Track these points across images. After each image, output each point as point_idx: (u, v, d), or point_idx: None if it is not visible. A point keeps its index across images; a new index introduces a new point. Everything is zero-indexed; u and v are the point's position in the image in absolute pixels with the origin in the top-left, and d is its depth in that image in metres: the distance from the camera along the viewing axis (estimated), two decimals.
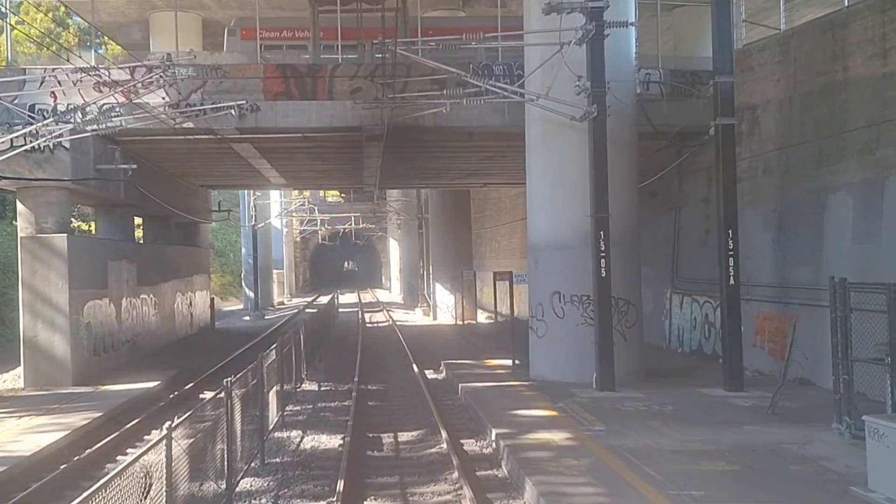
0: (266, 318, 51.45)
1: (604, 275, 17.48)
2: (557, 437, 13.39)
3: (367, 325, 43.36)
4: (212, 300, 41.12)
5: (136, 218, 36.46)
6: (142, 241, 35.66)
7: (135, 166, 24.25)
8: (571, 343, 18.95)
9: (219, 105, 21.85)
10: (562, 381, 18.90)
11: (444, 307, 42.88)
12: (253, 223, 51.07)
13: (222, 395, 10.37)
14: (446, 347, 28.30)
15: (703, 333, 23.71)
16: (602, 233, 17.49)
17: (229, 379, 10.43)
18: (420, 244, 55.78)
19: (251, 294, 61.61)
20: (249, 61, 25.06)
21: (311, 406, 18.78)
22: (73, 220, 43.68)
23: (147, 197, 28.08)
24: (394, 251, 78.34)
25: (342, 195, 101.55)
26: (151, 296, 29.24)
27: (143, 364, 25.86)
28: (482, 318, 44.03)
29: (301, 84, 23.27)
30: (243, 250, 59.20)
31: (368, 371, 24.21)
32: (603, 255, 17.50)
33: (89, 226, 54.05)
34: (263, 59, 26.11)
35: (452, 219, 43.25)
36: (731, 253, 17.46)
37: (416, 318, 47.72)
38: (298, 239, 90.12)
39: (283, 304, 67.56)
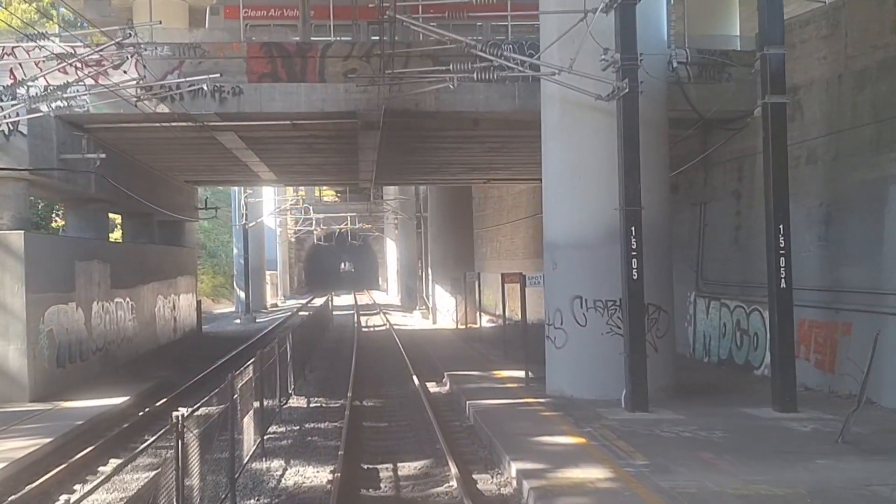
0: (257, 321, 48.98)
1: (635, 277, 15.04)
2: (592, 475, 10.93)
3: (363, 329, 40.89)
4: (198, 303, 38.63)
5: (115, 215, 34.11)
6: (120, 240, 33.16)
7: (103, 155, 21.72)
8: (595, 355, 16.51)
9: (194, 79, 19.33)
10: (584, 398, 16.46)
11: (444, 310, 40.43)
12: (243, 222, 48.57)
13: (178, 432, 7.88)
14: (449, 355, 25.84)
15: (734, 341, 21.27)
16: (633, 229, 15.04)
17: (180, 413, 7.91)
18: (418, 244, 53.34)
19: (243, 296, 59.21)
20: (233, 40, 22.59)
21: (297, 428, 16.30)
22: (55, 218, 41.20)
23: (123, 192, 25.60)
24: (391, 252, 75.90)
25: (338, 195, 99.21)
26: (128, 299, 26.73)
27: (116, 375, 23.37)
28: (484, 321, 41.59)
29: (289, 65, 20.79)
30: (235, 251, 56.67)
31: (364, 384, 21.76)
32: (634, 254, 15.05)
33: None
34: (247, 38, 23.65)
35: (453, 218, 40.81)
36: (783, 252, 14.99)
37: (414, 321, 45.26)
38: (293, 239, 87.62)
39: (276, 306, 65.06)
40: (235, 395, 11.03)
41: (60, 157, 20.75)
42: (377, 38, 21.67)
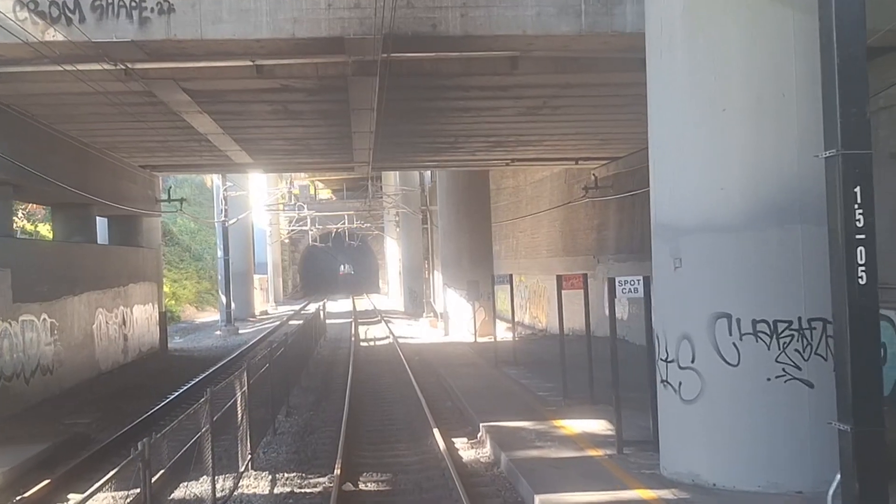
0: (241, 332, 41.92)
1: (863, 280, 7.91)
2: None
3: (362, 343, 33.74)
4: (162, 315, 31.49)
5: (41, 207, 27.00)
6: (50, 238, 26.01)
7: None
8: (759, 414, 9.42)
9: None
10: (738, 488, 9.39)
11: (458, 319, 33.29)
12: (223, 219, 41.45)
13: None
14: (477, 387, 18.68)
15: None
16: (859, 189, 7.94)
17: None
18: (425, 242, 46.19)
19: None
20: None
21: None
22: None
23: (35, 173, 18.56)
24: (392, 252, 68.78)
25: (334, 193, 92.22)
26: (44, 317, 19.60)
27: (11, 425, 16.27)
28: (500, 329, 34.51)
29: None
30: (219, 252, 49.49)
31: (361, 440, 14.63)
32: (861, 237, 7.95)
33: (35, 226, 44.42)
34: None
35: (468, 210, 33.68)
36: None
37: (421, 331, 38.11)
38: (286, 241, 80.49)
39: (266, 313, 57.90)
40: None
41: None
42: None
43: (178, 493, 11.20)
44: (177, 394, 20.22)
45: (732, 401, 9.59)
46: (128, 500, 9.10)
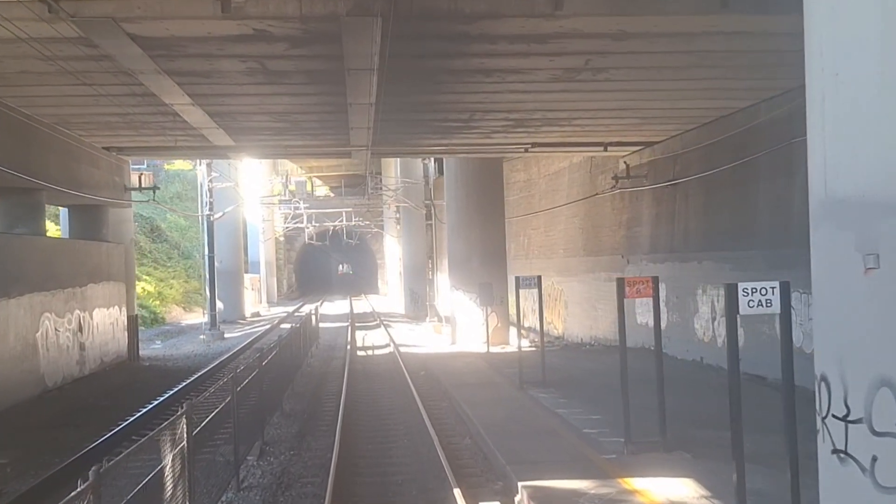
0: (226, 336, 37.95)
1: None
2: None
3: (359, 351, 29.77)
4: (133, 319, 27.49)
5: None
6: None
7: None
8: None
9: None
10: None
11: (467, 325, 29.32)
12: (208, 212, 37.46)
13: None
14: (501, 416, 14.65)
15: None
16: None
17: None
18: (428, 240, 42.19)
19: (218, 304, 48.07)
20: None
21: None
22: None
23: None
24: (392, 251, 64.80)
25: (331, 190, 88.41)
26: None
27: None
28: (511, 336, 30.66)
29: None
30: (205, 249, 45.36)
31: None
32: None
33: None
34: None
35: (479, 203, 29.70)
36: None
37: (425, 338, 34.16)
38: (282, 238, 76.50)
39: (258, 315, 53.90)
40: None
41: None
42: None
43: None
44: (132, 419, 16.28)
45: None
46: None
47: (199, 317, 50.50)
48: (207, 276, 44.21)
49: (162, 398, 18.76)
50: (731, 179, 20.11)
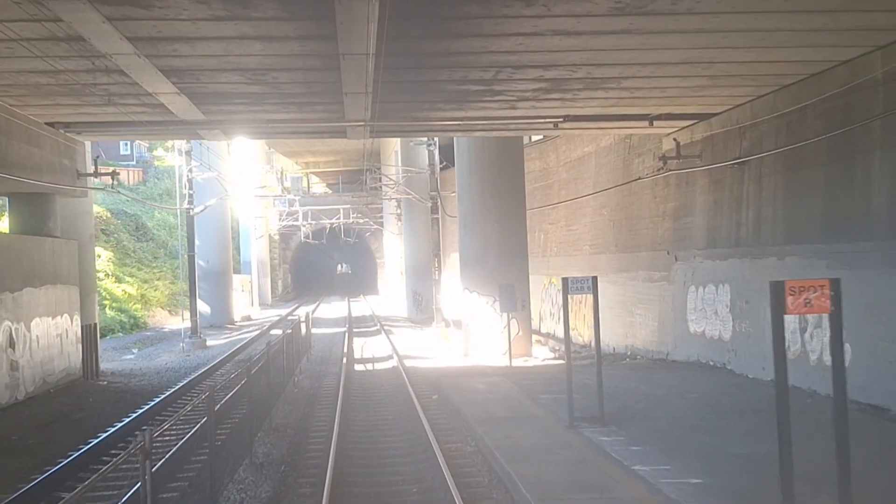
0: (209, 344, 33.56)
1: None
2: None
3: (357, 365, 25.26)
4: (90, 329, 22.96)
5: None
6: None
7: None
8: None
9: None
10: None
11: (483, 333, 24.85)
12: (187, 205, 32.95)
13: None
14: (560, 481, 10.11)
15: None
16: None
17: None
18: (434, 236, 37.66)
19: (204, 307, 43.65)
20: None
21: None
22: None
23: None
24: (393, 249, 60.29)
25: (328, 187, 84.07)
26: None
27: None
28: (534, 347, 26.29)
29: None
30: (188, 248, 40.57)
31: None
32: None
33: None
34: None
35: (495, 190, 25.23)
36: None
37: (430, 346, 29.69)
38: (276, 236, 71.98)
39: (249, 319, 49.40)
40: None
41: None
42: None
43: None
44: (39, 478, 11.84)
45: None
46: None
47: (184, 321, 45.96)
48: (199, 277, 39.82)
49: (99, 438, 14.33)
50: (826, 153, 15.66)
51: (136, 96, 17.00)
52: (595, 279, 13.41)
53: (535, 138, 34.93)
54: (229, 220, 47.20)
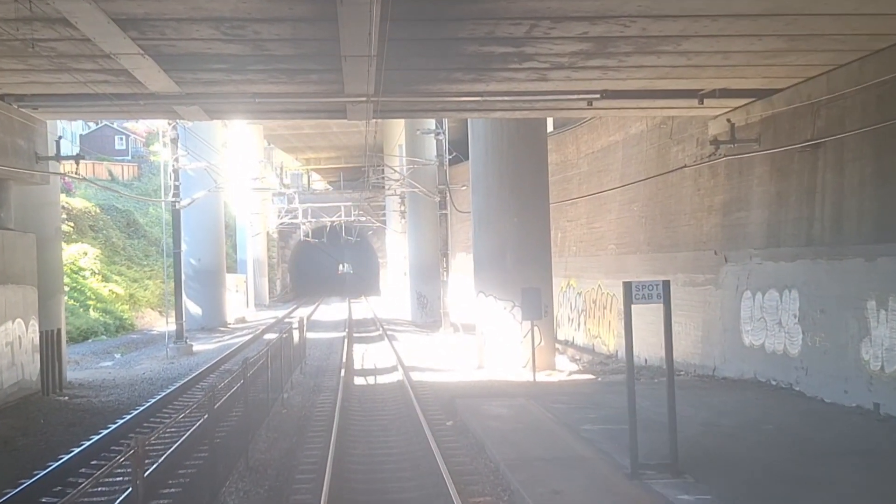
0: (196, 350, 30.48)
1: None
2: None
3: (357, 378, 22.12)
4: (50, 336, 19.84)
5: None
6: None
7: None
8: None
9: None
10: None
11: (500, 342, 21.74)
12: (172, 197, 29.85)
13: None
14: None
15: None
16: None
17: None
18: (442, 233, 34.52)
19: (195, 309, 40.56)
20: None
21: None
22: None
23: None
24: (396, 248, 57.18)
25: (329, 185, 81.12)
26: None
27: None
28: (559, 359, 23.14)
29: None
30: (184, 247, 37.42)
31: None
32: None
33: None
34: None
35: (514, 181, 22.14)
36: None
37: (441, 355, 26.57)
38: (275, 234, 68.90)
39: (244, 321, 46.27)
40: None
41: None
42: None
43: None
44: None
45: None
46: None
47: (168, 324, 42.77)
48: (188, 276, 36.71)
49: (57, 463, 11.28)
50: None
51: (92, 58, 13.93)
52: (667, 284, 10.30)
53: (549, 129, 31.85)
54: (223, 216, 44.10)
